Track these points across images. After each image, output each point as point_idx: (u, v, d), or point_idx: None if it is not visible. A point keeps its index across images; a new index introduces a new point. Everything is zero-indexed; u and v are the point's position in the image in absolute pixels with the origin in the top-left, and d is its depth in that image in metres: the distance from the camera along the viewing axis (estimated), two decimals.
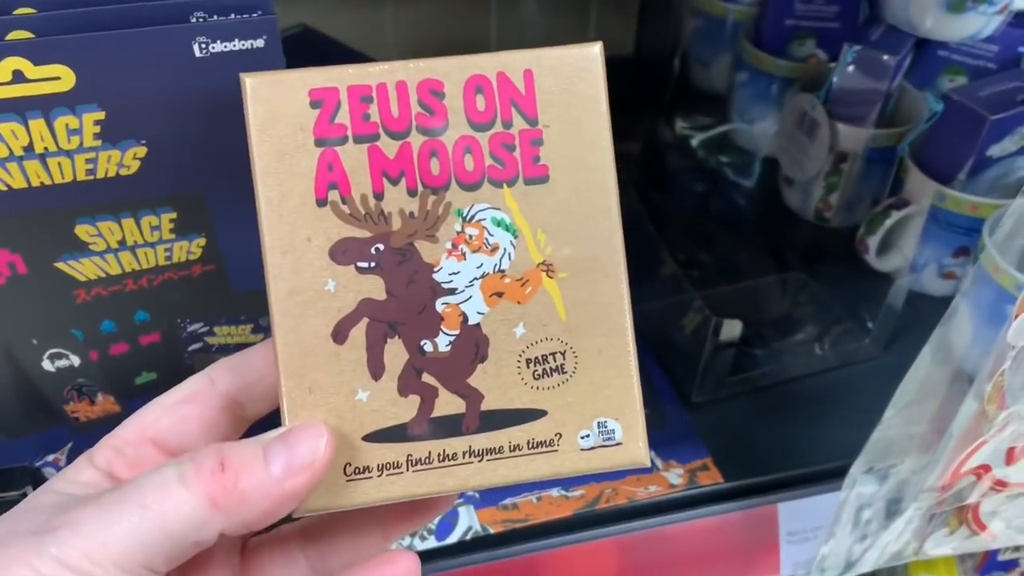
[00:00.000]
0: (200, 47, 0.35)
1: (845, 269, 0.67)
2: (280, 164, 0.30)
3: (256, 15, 0.36)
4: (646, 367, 0.63)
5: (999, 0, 0.59)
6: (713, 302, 0.59)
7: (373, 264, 0.30)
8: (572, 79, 0.31)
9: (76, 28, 0.34)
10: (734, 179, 0.79)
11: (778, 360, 0.62)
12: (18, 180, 0.37)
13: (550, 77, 0.31)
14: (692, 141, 0.82)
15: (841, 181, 0.68)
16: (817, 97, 0.67)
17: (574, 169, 0.31)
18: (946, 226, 0.62)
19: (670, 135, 0.84)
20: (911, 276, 0.65)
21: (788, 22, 0.72)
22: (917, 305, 0.65)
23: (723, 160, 0.80)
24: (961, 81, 0.67)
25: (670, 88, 0.86)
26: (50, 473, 0.48)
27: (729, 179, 0.79)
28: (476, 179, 0.30)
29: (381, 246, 0.30)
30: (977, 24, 0.61)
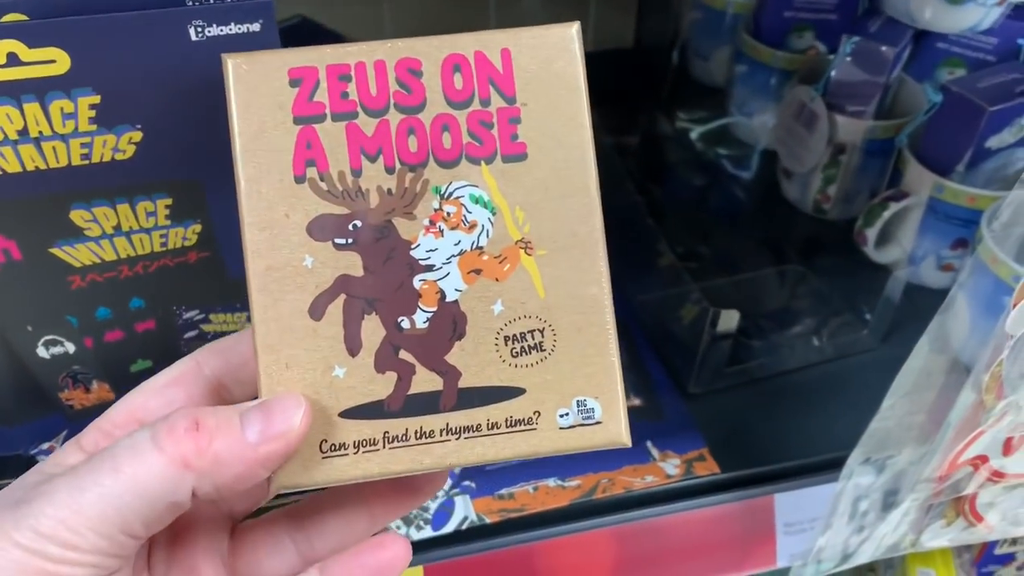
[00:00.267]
0: (196, 31, 0.35)
1: (843, 261, 0.67)
2: (259, 142, 0.30)
3: None
4: (644, 358, 0.63)
5: None
6: (711, 294, 0.59)
7: (350, 241, 0.30)
8: (550, 58, 0.31)
9: (71, 11, 0.34)
10: (733, 171, 0.79)
11: (776, 351, 0.62)
12: (13, 164, 0.36)
13: (528, 56, 0.31)
14: (691, 133, 0.82)
15: (839, 173, 0.68)
16: (816, 89, 0.67)
17: (552, 147, 0.31)
18: (944, 218, 0.62)
19: (669, 128, 0.84)
20: (909, 268, 0.65)
21: (787, 14, 0.72)
22: (915, 297, 0.65)
23: (722, 152, 0.80)
24: (960, 73, 0.67)
25: (669, 81, 0.86)
26: None
27: (728, 171, 0.79)
28: (454, 156, 0.30)
29: (359, 223, 0.30)
30: (976, 16, 0.61)
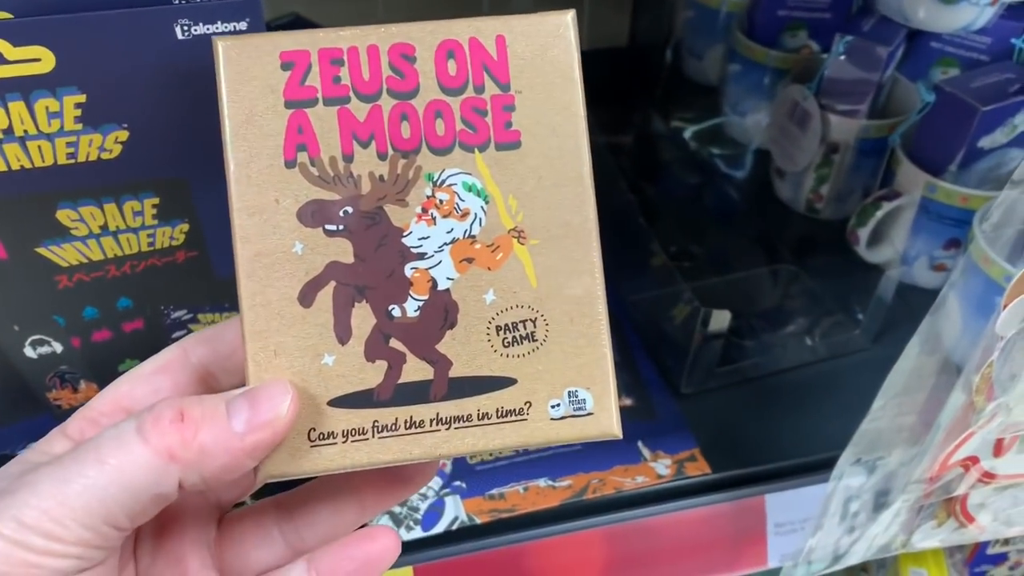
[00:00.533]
0: (182, 29, 0.35)
1: (836, 261, 0.67)
2: (250, 126, 0.29)
3: None
4: (635, 358, 0.63)
5: None
6: (703, 293, 0.59)
7: (341, 227, 0.30)
8: (545, 45, 0.30)
9: (56, 9, 0.34)
10: (726, 171, 0.79)
11: (768, 351, 0.62)
12: None
13: (523, 43, 0.30)
14: (684, 133, 0.82)
15: (832, 172, 0.68)
16: (809, 88, 0.67)
17: (546, 135, 0.30)
18: (937, 218, 0.62)
19: (663, 126, 0.84)
20: (902, 268, 0.65)
21: (780, 13, 0.72)
22: (907, 297, 0.65)
23: (715, 152, 0.80)
24: (954, 73, 0.67)
25: (663, 79, 0.86)
26: None
27: (721, 171, 0.79)
28: (447, 143, 0.30)
29: (350, 209, 0.30)
30: (970, 15, 0.61)
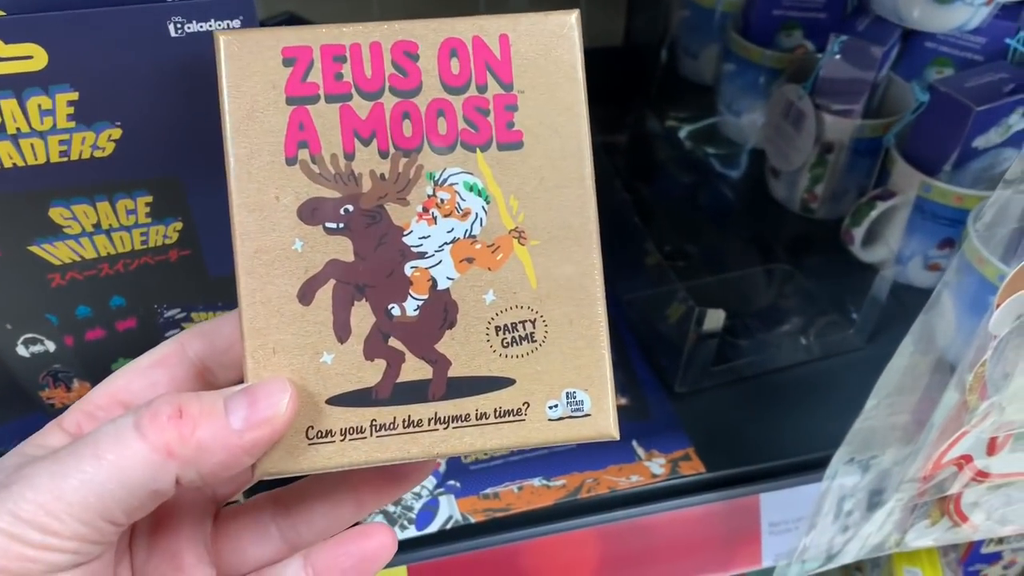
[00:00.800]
0: (175, 27, 0.35)
1: (830, 260, 0.67)
2: (251, 121, 0.29)
3: None
4: (630, 357, 0.63)
5: None
6: (697, 293, 0.59)
7: (342, 225, 0.30)
8: (548, 45, 0.30)
9: (49, 6, 0.33)
10: (721, 170, 0.79)
11: (762, 351, 0.62)
12: None
13: (526, 43, 0.30)
14: (679, 132, 0.82)
15: (827, 172, 0.68)
16: (804, 88, 0.67)
17: (548, 136, 0.30)
18: (931, 217, 0.62)
19: (658, 126, 0.84)
20: (896, 267, 0.65)
21: (775, 12, 0.72)
22: (902, 296, 0.65)
23: (710, 151, 0.80)
24: (948, 72, 0.67)
25: (658, 79, 0.86)
26: None
27: (716, 170, 0.79)
28: (449, 143, 0.30)
29: (350, 207, 0.30)
30: (964, 15, 0.61)
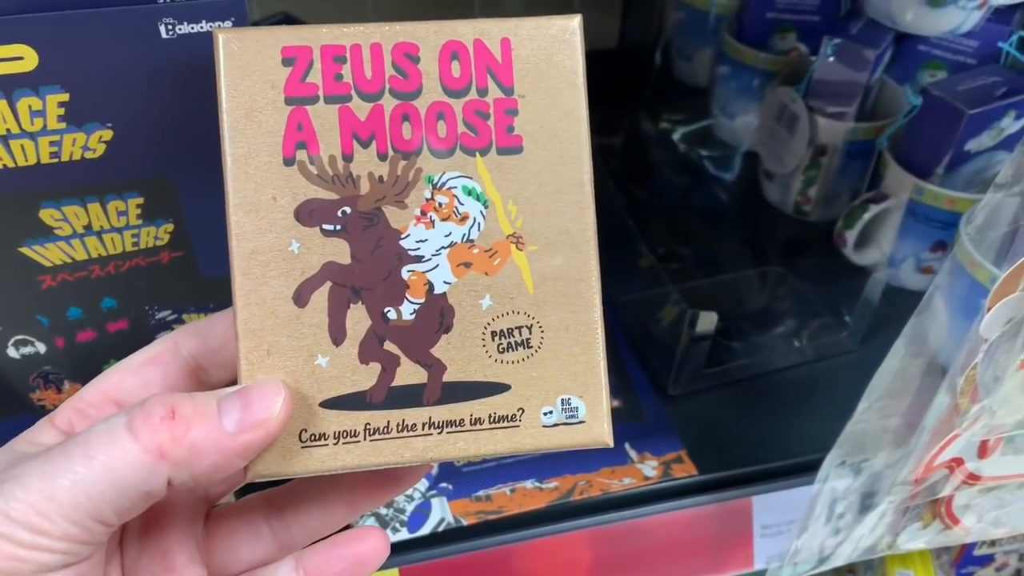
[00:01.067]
0: (166, 28, 0.35)
1: (823, 262, 0.67)
2: (249, 121, 0.29)
3: None
4: (623, 360, 0.63)
5: None
6: (690, 295, 0.59)
7: (339, 227, 0.29)
8: (550, 50, 0.30)
9: (39, 7, 0.33)
10: (714, 172, 0.79)
11: (755, 353, 0.62)
12: None
13: (528, 47, 0.30)
14: (673, 134, 0.82)
15: (820, 175, 0.68)
16: (797, 91, 0.67)
17: (548, 141, 0.30)
18: (924, 220, 0.62)
19: (652, 128, 0.84)
20: (889, 270, 0.65)
21: (769, 15, 0.72)
22: (894, 299, 0.65)
23: (704, 153, 0.80)
24: (941, 75, 0.67)
25: (652, 81, 0.86)
26: None
27: (709, 172, 0.79)
28: (448, 146, 0.30)
29: (348, 209, 0.29)
30: (957, 19, 0.61)
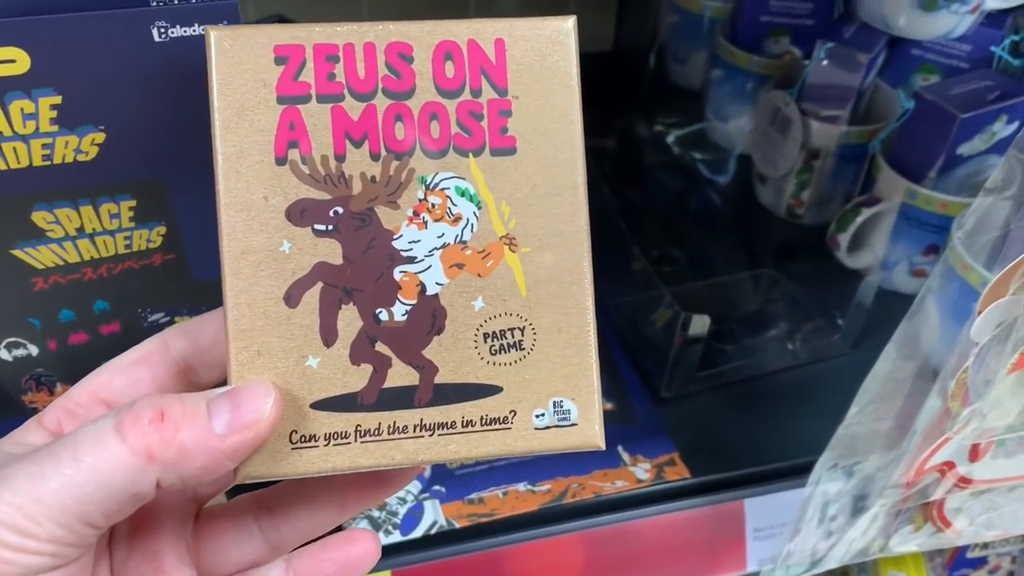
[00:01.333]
0: (159, 31, 0.35)
1: (816, 266, 0.68)
2: (240, 120, 0.29)
3: (217, 0, 0.35)
4: (616, 362, 0.63)
5: None
6: (684, 298, 0.59)
7: (331, 227, 0.29)
8: (544, 51, 0.30)
9: (32, 10, 0.33)
10: (708, 175, 0.79)
11: (748, 356, 0.62)
12: None
13: (522, 48, 0.30)
14: (667, 137, 0.82)
15: (813, 178, 0.69)
16: (790, 94, 0.67)
17: (542, 142, 0.30)
18: (916, 224, 0.62)
19: (646, 131, 0.84)
20: (881, 273, 0.66)
21: (763, 19, 0.72)
22: (887, 302, 0.65)
23: (697, 156, 0.80)
24: (934, 80, 0.68)
25: (646, 84, 0.86)
26: None
27: (703, 175, 0.79)
28: (442, 147, 0.30)
29: (340, 209, 0.29)
30: (950, 23, 0.61)
